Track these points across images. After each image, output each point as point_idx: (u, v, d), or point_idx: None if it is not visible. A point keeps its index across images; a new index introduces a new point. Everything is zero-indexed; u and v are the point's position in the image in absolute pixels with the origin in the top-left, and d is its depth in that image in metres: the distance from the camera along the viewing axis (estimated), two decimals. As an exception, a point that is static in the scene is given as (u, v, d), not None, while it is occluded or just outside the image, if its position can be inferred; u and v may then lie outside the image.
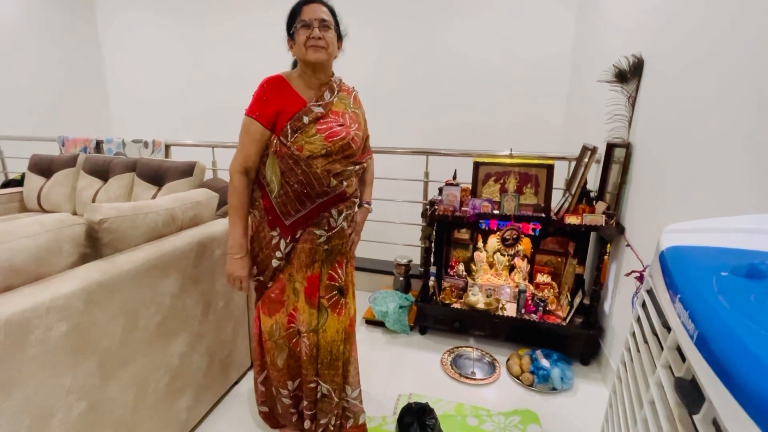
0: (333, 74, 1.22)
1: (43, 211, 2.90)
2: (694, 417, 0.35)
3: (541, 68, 3.08)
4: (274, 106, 1.13)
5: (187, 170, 2.51)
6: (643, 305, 0.60)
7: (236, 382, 1.67)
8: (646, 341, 0.55)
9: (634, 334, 0.61)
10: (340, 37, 1.19)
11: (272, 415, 1.42)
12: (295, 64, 1.24)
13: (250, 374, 1.73)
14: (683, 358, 0.42)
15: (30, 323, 0.84)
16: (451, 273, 2.20)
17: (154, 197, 2.52)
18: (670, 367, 0.45)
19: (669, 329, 0.47)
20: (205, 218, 1.53)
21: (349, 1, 1.53)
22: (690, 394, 0.37)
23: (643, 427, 0.47)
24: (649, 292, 0.59)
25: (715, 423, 0.33)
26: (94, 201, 2.69)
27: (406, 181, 2.63)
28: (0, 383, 0.79)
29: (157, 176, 2.56)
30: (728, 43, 1.10)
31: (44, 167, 2.89)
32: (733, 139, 1.05)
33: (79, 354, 0.95)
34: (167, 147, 3.05)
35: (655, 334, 0.53)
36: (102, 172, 2.75)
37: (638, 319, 0.61)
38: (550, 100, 3.11)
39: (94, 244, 1.13)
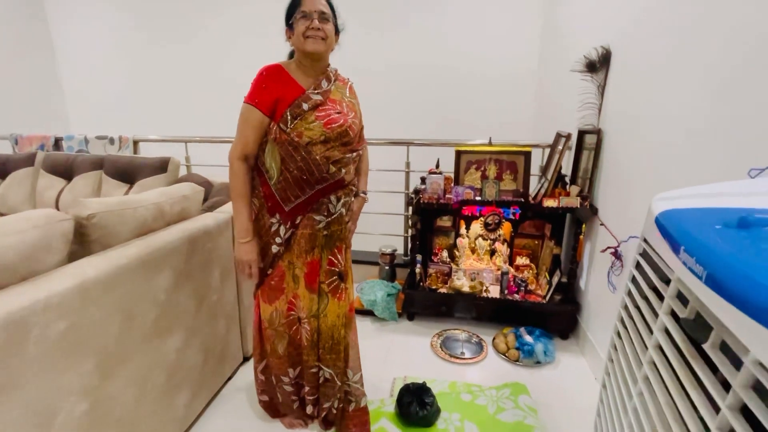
0: (329, 65, 1.24)
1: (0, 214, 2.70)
2: (704, 346, 0.41)
3: (511, 61, 3.20)
4: (274, 93, 1.14)
5: (160, 166, 2.41)
6: (637, 266, 0.67)
7: (230, 377, 1.65)
8: (644, 298, 0.61)
9: (629, 293, 0.68)
10: (337, 31, 1.21)
11: (272, 404, 1.43)
12: (291, 55, 1.25)
13: (244, 368, 1.72)
14: (684, 303, 0.49)
15: (28, 322, 0.81)
16: (435, 260, 2.27)
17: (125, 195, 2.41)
18: (672, 313, 0.51)
19: (668, 282, 0.54)
20: (193, 212, 1.50)
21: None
22: (696, 328, 0.43)
23: (650, 371, 0.53)
24: (643, 254, 0.66)
25: (722, 346, 0.39)
26: (57, 201, 2.53)
27: (386, 172, 2.66)
28: (1, 385, 0.76)
29: (127, 173, 2.45)
30: (689, 37, 1.20)
31: (-3, 167, 2.69)
32: (693, 122, 1.16)
33: (77, 353, 0.92)
34: (135, 143, 2.91)
35: (652, 289, 0.60)
36: (65, 171, 2.59)
37: (633, 279, 0.68)
38: (521, 91, 3.24)
39: (82, 241, 1.08)
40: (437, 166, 2.06)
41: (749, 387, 0.34)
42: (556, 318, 1.94)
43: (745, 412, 0.35)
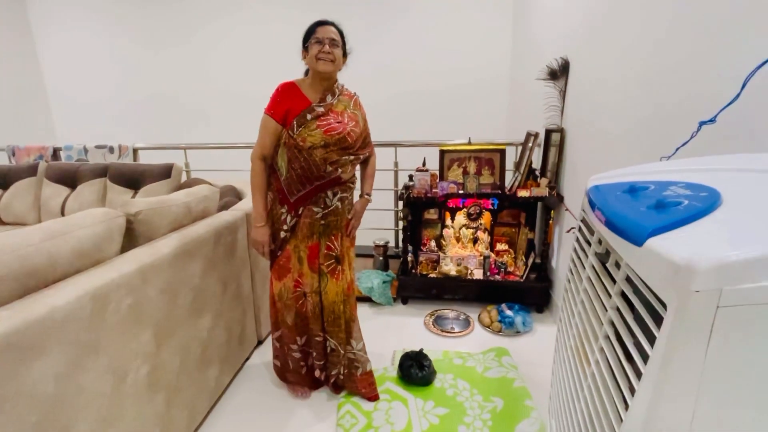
0: (336, 81, 1.47)
1: (3, 223, 2.79)
2: (606, 264, 0.65)
3: (485, 68, 3.50)
4: (285, 105, 1.39)
5: (164, 172, 2.57)
6: (579, 229, 0.92)
7: (247, 358, 1.85)
8: (582, 249, 0.87)
9: (574, 249, 0.93)
10: (345, 55, 1.44)
11: (282, 368, 1.64)
12: (306, 73, 1.49)
13: (258, 350, 1.92)
14: (600, 245, 0.74)
15: (108, 296, 1.00)
16: (424, 249, 2.51)
17: (131, 201, 2.56)
18: (595, 253, 0.76)
19: (593, 233, 0.79)
20: (212, 210, 1.69)
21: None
22: (603, 255, 0.68)
23: (584, 293, 0.78)
24: (582, 220, 0.92)
25: (616, 264, 0.64)
26: (63, 209, 2.66)
27: (376, 171, 2.89)
28: (91, 346, 0.95)
29: (132, 180, 2.59)
30: (631, 50, 1.49)
31: (0, 178, 2.78)
32: (627, 121, 1.44)
33: (139, 324, 1.11)
34: (135, 151, 3.04)
35: (586, 242, 0.85)
36: (68, 179, 2.71)
37: (576, 239, 0.93)
38: (495, 94, 3.54)
39: (129, 235, 1.27)
40: (424, 165, 2.31)
41: (624, 279, 0.59)
42: (532, 294, 2.22)
43: (624, 298, 0.60)
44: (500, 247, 2.52)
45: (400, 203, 2.33)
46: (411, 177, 2.44)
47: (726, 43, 1.00)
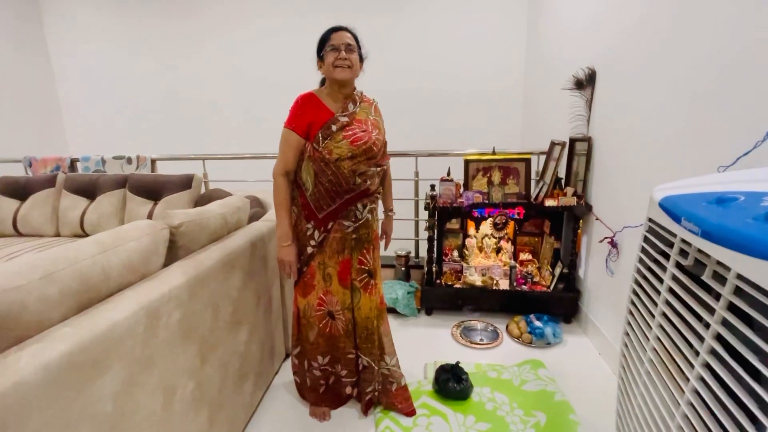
0: (355, 88, 1.44)
1: (20, 235, 2.77)
2: (702, 277, 0.64)
3: (499, 80, 3.53)
4: (307, 118, 1.34)
5: (185, 183, 2.56)
6: (645, 240, 0.91)
7: (277, 371, 1.81)
8: (654, 261, 0.85)
9: (641, 260, 0.91)
10: (361, 59, 1.41)
11: (301, 386, 1.60)
12: (323, 82, 1.45)
13: (286, 364, 1.88)
14: (684, 256, 0.72)
15: (159, 311, 0.98)
16: (446, 259, 2.49)
17: (150, 212, 2.55)
18: (677, 264, 0.74)
19: (670, 245, 0.77)
20: (244, 222, 1.68)
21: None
22: (695, 268, 0.67)
23: (665, 305, 0.76)
24: (649, 230, 0.90)
25: (714, 275, 0.62)
26: (82, 220, 2.64)
27: (396, 181, 2.89)
28: (145, 362, 0.93)
29: (153, 191, 2.58)
30: (659, 58, 1.49)
31: (18, 189, 2.77)
32: (668, 129, 1.43)
33: (187, 339, 1.09)
34: (153, 161, 3.04)
35: (659, 253, 0.83)
36: (87, 191, 2.70)
37: (642, 249, 0.91)
38: (509, 105, 3.56)
39: (171, 246, 1.25)
40: (448, 174, 2.30)
41: (732, 293, 0.57)
42: (560, 304, 2.19)
43: (732, 310, 0.58)
44: (524, 256, 2.50)
45: (425, 213, 2.32)
46: (433, 187, 2.43)
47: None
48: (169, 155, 3.07)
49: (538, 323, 2.08)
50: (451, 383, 1.58)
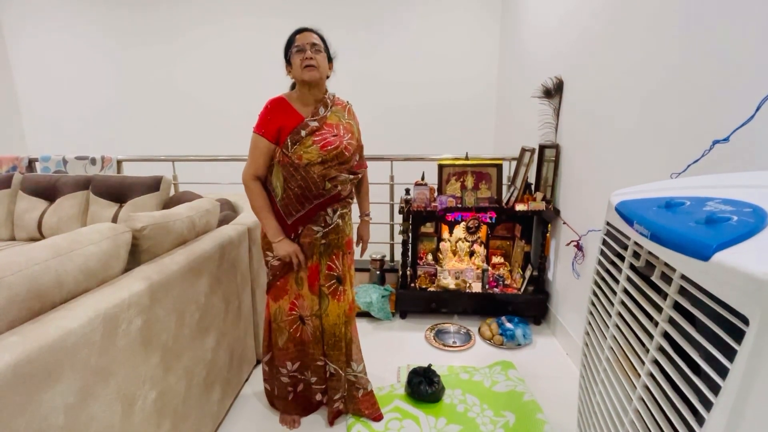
0: (326, 91, 1.42)
1: (-29, 239, 2.59)
2: (652, 277, 0.67)
3: (473, 89, 3.61)
4: (277, 123, 1.32)
5: (153, 185, 2.48)
6: (603, 243, 0.95)
7: (246, 379, 1.77)
8: (610, 262, 0.89)
9: (600, 262, 0.95)
10: (330, 59, 1.40)
11: (270, 394, 1.58)
12: (293, 87, 1.43)
13: (257, 371, 1.84)
14: (637, 258, 0.76)
15: (118, 318, 0.94)
16: (420, 263, 2.51)
17: (115, 215, 2.45)
18: (631, 266, 0.78)
19: (625, 247, 0.81)
20: (213, 225, 1.63)
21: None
22: (646, 268, 0.70)
23: (620, 305, 0.80)
24: (606, 233, 0.94)
25: (662, 276, 0.66)
26: (40, 223, 2.51)
27: (371, 185, 2.89)
28: (102, 372, 0.89)
29: (118, 193, 2.49)
30: (615, 70, 1.56)
31: (-31, 191, 2.60)
32: (625, 138, 1.51)
33: (149, 347, 1.05)
34: (119, 162, 2.92)
35: (615, 255, 0.87)
36: (46, 192, 2.57)
37: (601, 252, 0.95)
38: (482, 112, 3.64)
39: (133, 251, 1.20)
40: (423, 178, 2.32)
41: (677, 292, 0.60)
42: (530, 306, 2.24)
43: (677, 308, 0.61)
44: (496, 260, 2.55)
45: (399, 217, 2.33)
46: (408, 191, 2.45)
47: (738, 66, 1.06)
48: (136, 156, 2.96)
49: (509, 325, 2.12)
50: (423, 386, 1.59)
